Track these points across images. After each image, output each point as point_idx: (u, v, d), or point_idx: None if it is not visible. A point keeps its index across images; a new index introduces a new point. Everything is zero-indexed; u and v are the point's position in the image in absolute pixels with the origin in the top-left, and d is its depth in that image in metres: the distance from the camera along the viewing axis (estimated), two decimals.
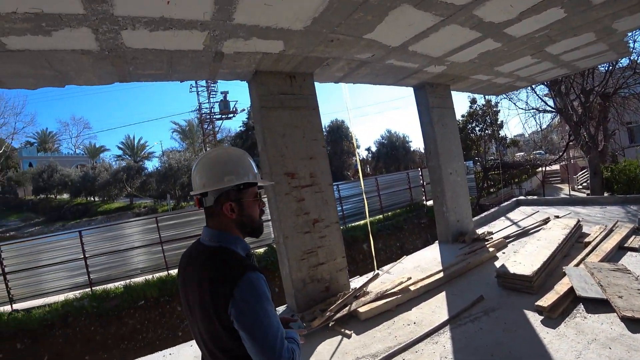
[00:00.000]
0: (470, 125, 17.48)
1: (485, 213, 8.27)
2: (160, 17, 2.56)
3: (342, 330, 3.42)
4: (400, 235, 11.41)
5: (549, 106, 13.73)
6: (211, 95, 27.04)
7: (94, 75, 3.42)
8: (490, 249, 5.03)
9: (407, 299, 3.91)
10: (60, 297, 7.72)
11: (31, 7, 2.24)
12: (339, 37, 3.36)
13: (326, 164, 4.30)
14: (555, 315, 3.04)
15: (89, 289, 7.95)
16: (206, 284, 1.14)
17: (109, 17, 2.46)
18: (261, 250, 9.19)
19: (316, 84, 4.45)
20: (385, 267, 5.18)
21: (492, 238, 5.72)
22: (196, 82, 26.47)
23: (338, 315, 3.58)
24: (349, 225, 11.00)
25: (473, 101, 17.44)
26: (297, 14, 2.84)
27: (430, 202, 13.07)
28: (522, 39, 4.22)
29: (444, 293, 4.03)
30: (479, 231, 6.29)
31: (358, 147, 29.25)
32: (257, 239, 1.36)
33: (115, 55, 3.07)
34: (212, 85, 26.70)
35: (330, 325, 3.50)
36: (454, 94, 6.57)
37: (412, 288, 4.02)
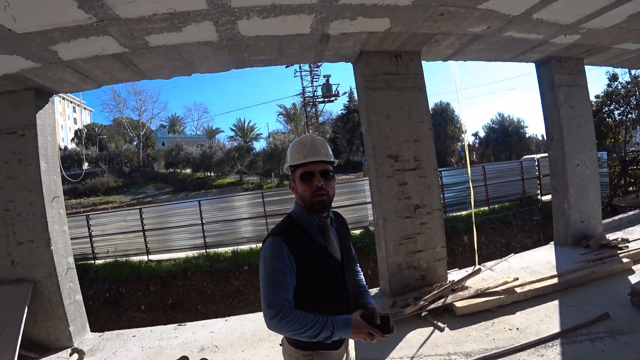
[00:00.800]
0: (607, 108, 14.24)
1: (621, 216, 6.80)
2: (271, 4, 2.70)
3: (435, 322, 3.28)
4: (507, 231, 10.26)
5: None
6: (314, 79, 27.98)
7: (214, 63, 3.83)
8: (625, 260, 4.15)
9: (511, 301, 3.52)
10: (182, 255, 9.18)
11: (167, 8, 2.60)
12: (449, 10, 3.06)
13: (432, 148, 4.09)
14: None
15: (204, 251, 9.24)
16: None
17: (227, 9, 2.70)
18: (357, 232, 9.31)
19: (422, 63, 4.19)
20: (489, 264, 4.73)
21: (627, 247, 4.70)
22: (300, 67, 27.70)
23: (432, 306, 3.43)
24: (450, 214, 10.33)
25: (613, 78, 14.04)
26: None
27: (546, 197, 11.35)
28: None
29: (556, 302, 3.50)
30: (610, 237, 5.20)
31: (464, 131, 26.93)
32: (315, 212, 1.46)
33: (232, 44, 3.37)
34: (315, 69, 27.57)
35: (422, 315, 3.38)
36: (588, 69, 5.43)
37: (518, 290, 3.60)
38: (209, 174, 31.20)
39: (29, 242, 3.66)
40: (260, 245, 8.90)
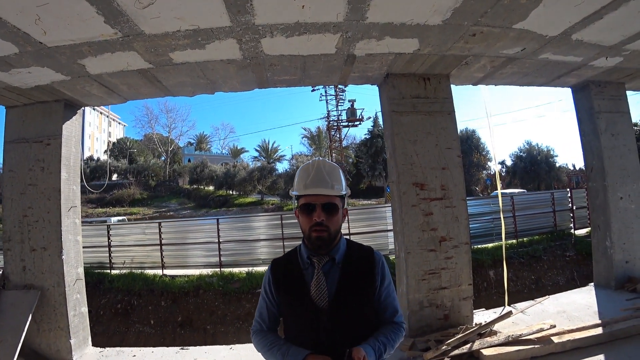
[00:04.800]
0: None
1: None
2: (296, 22, 2.64)
3: None
4: (537, 266, 9.56)
5: None
6: (339, 103, 28.30)
7: (237, 82, 3.81)
8: None
9: (546, 352, 3.12)
10: (197, 272, 9.09)
11: (191, 25, 2.59)
12: (482, 30, 2.90)
13: (460, 176, 3.84)
14: None
15: (219, 269, 9.12)
16: None
17: (251, 26, 2.67)
18: None
19: (452, 87, 4.02)
20: (520, 305, 4.30)
21: None
22: (326, 91, 28.18)
23: (456, 352, 3.09)
24: (474, 247, 9.81)
25: None
26: (436, 6, 2.54)
27: (580, 232, 10.62)
28: None
29: (601, 357, 3.07)
30: None
31: (490, 160, 26.05)
32: (312, 248, 1.35)
33: (256, 63, 3.34)
34: (341, 93, 28.01)
35: None
36: (630, 94, 5.07)
37: (555, 340, 3.19)
38: (231, 192, 31.62)
39: (42, 250, 3.66)
40: None
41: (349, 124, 28.59)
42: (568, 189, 12.36)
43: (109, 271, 9.43)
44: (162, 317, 8.15)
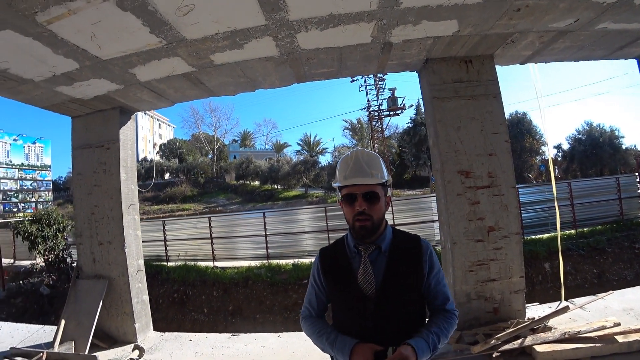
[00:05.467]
0: None
1: None
2: (329, 14, 2.64)
3: None
4: (600, 259, 8.76)
5: None
6: (379, 93, 27.72)
7: (276, 78, 3.89)
8: None
9: (609, 352, 2.85)
10: (245, 263, 9.52)
11: (228, 27, 2.69)
12: (527, 4, 2.67)
13: (509, 162, 3.62)
14: None
15: (266, 261, 9.47)
16: None
17: (285, 23, 2.70)
18: None
19: (497, 68, 3.76)
20: (579, 300, 3.99)
21: None
22: (365, 81, 27.68)
23: (506, 347, 2.95)
24: (528, 237, 9.22)
25: None
26: None
27: None
28: None
29: None
30: None
31: (545, 144, 24.06)
32: (356, 237, 1.36)
33: (292, 58, 3.38)
34: (381, 82, 27.35)
35: (493, 356, 2.93)
36: None
37: (620, 339, 2.91)
38: (276, 186, 32.43)
39: (107, 243, 4.05)
40: None
41: (390, 113, 27.85)
42: (637, 174, 11.09)
43: (165, 263, 10.19)
44: (215, 306, 8.68)
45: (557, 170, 24.13)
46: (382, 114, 28.29)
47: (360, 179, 1.32)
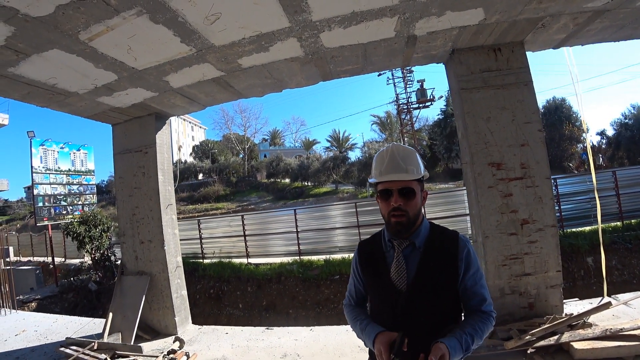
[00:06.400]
0: None
1: None
2: (351, 12, 2.66)
3: None
4: None
5: None
6: (407, 85, 27.14)
7: (302, 77, 3.95)
8: None
9: None
10: (278, 260, 9.71)
11: (254, 31, 2.78)
12: None
13: (543, 153, 3.49)
14: None
15: (298, 257, 9.62)
16: None
17: (309, 23, 2.75)
18: None
19: (528, 54, 3.61)
20: (622, 296, 3.77)
21: None
22: (392, 74, 27.18)
23: (542, 343, 2.86)
24: (568, 230, 8.72)
25: None
26: None
27: None
28: None
29: None
30: None
31: (587, 130, 22.49)
32: (392, 232, 1.37)
33: (317, 57, 3.43)
34: (408, 75, 26.75)
35: (528, 352, 2.85)
36: None
37: None
38: (306, 183, 32.72)
39: (148, 242, 4.32)
40: (351, 254, 8.96)
41: (420, 105, 27.18)
42: None
43: (201, 260, 10.62)
44: (249, 302, 8.96)
45: (601, 159, 22.56)
46: (411, 106, 27.68)
47: (396, 174, 1.32)
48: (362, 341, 1.40)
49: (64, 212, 12.83)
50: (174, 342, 3.91)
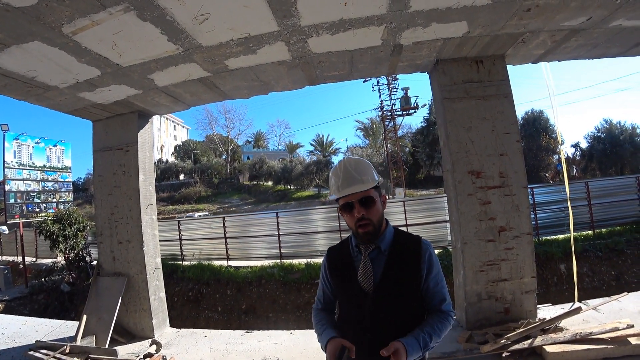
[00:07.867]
0: None
1: None
2: (340, 19, 2.70)
3: None
4: (618, 261, 8.53)
5: None
6: (392, 93, 27.60)
7: (289, 81, 3.97)
8: None
9: (621, 354, 2.81)
10: (259, 263, 9.64)
11: (242, 33, 2.79)
12: (537, 3, 2.68)
13: (520, 163, 3.62)
14: None
15: (279, 261, 9.57)
16: None
17: (297, 28, 2.78)
18: (436, 251, 8.77)
19: (508, 67, 3.77)
20: (592, 302, 3.94)
21: None
22: (378, 81, 27.60)
23: (516, 346, 2.95)
24: (543, 238, 9.06)
25: None
26: None
27: None
28: None
29: None
30: None
31: (562, 142, 23.44)
32: (361, 242, 1.45)
33: (305, 62, 3.46)
34: (393, 82, 27.22)
35: (503, 355, 2.94)
36: None
37: (633, 341, 2.88)
38: (289, 186, 32.67)
39: (127, 242, 4.21)
40: None
41: (404, 112, 27.70)
42: None
43: (181, 262, 10.41)
44: (229, 305, 8.83)
45: (575, 170, 23.55)
46: (395, 113, 28.15)
47: (353, 187, 1.39)
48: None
49: (37, 209, 12.31)
50: (150, 345, 3.82)
